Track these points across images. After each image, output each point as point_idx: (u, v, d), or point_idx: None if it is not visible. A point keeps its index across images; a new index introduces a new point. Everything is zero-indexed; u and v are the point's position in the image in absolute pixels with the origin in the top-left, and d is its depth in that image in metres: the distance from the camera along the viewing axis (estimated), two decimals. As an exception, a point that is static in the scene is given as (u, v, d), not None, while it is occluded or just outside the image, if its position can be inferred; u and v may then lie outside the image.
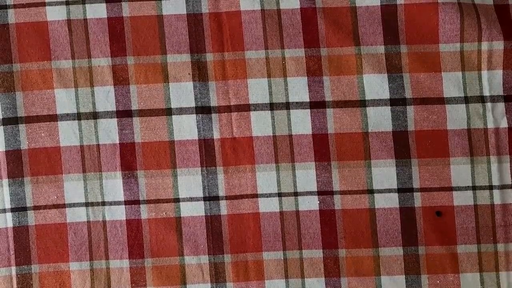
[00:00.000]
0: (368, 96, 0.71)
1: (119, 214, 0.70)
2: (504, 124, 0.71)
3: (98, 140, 0.71)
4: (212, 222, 0.70)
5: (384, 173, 0.71)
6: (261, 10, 0.71)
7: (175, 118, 0.71)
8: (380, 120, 0.71)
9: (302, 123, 0.71)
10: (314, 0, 0.71)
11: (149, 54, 0.71)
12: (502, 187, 0.70)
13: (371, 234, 0.70)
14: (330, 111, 0.71)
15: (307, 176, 0.71)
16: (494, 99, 0.71)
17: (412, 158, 0.71)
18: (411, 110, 0.71)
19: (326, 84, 0.71)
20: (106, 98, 0.71)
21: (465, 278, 0.70)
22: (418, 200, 0.70)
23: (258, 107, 0.71)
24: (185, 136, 0.71)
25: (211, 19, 0.71)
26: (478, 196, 0.70)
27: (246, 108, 0.71)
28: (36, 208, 0.70)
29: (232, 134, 0.71)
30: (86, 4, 0.71)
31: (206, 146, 0.71)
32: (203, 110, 0.71)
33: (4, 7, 0.71)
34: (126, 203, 0.70)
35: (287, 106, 0.71)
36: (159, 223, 0.70)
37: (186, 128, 0.71)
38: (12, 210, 0.70)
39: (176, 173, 0.71)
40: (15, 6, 0.71)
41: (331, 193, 0.70)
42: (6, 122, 0.70)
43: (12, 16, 0.71)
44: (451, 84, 0.71)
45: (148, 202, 0.70)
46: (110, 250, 0.70)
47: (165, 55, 0.71)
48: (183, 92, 0.71)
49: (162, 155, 0.71)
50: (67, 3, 0.71)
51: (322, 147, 0.71)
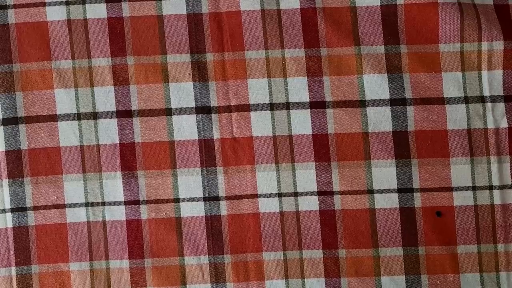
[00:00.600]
0: (368, 96, 0.71)
1: (119, 214, 0.70)
2: (504, 124, 0.71)
3: (98, 140, 0.71)
4: (212, 222, 0.70)
5: (384, 173, 0.71)
6: (261, 10, 0.71)
7: (175, 118, 0.71)
8: (380, 120, 0.71)
9: (302, 123, 0.71)
10: (314, 0, 0.71)
11: (149, 54, 0.71)
12: (502, 187, 0.70)
13: (371, 234, 0.70)
14: (330, 111, 0.71)
15: (307, 176, 0.71)
16: (494, 99, 0.71)
17: (412, 158, 0.71)
18: (411, 110, 0.71)
19: (326, 84, 0.71)
20: (106, 98, 0.71)
21: (465, 278, 0.70)
22: (418, 200, 0.70)
23: (258, 107, 0.71)
24: (185, 136, 0.71)
25: (211, 19, 0.71)
26: (478, 196, 0.70)
27: (246, 108, 0.71)
28: (36, 208, 0.70)
29: (232, 134, 0.71)
30: (86, 4, 0.71)
31: (206, 146, 0.71)
32: (203, 110, 0.71)
33: (4, 7, 0.71)
34: (126, 203, 0.70)
35: (287, 106, 0.71)
36: (159, 223, 0.70)
37: (186, 128, 0.71)
38: (12, 210, 0.70)
39: (176, 173, 0.71)
40: (15, 6, 0.71)
41: (331, 193, 0.70)
42: (6, 122, 0.70)
43: (12, 16, 0.71)
44: (451, 84, 0.71)
45: (148, 202, 0.70)
46: (110, 250, 0.70)
47: (165, 55, 0.71)
48: (183, 92, 0.71)
49: (162, 155, 0.71)
50: (67, 3, 0.71)
51: (322, 147, 0.71)
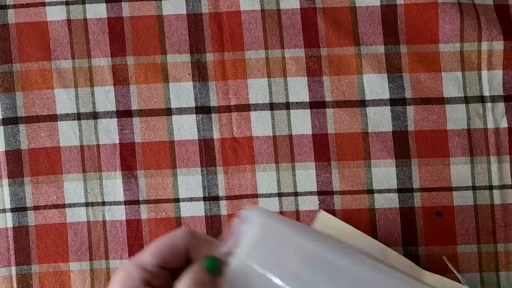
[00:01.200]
0: (368, 96, 0.71)
1: (119, 214, 0.70)
2: (504, 124, 0.71)
3: (98, 140, 0.71)
4: (212, 222, 0.70)
5: (384, 173, 0.71)
6: (261, 10, 0.71)
7: (175, 118, 0.71)
8: (380, 120, 0.71)
9: (302, 123, 0.71)
10: (314, 0, 0.71)
11: (149, 54, 0.71)
12: (502, 187, 0.70)
13: (371, 234, 0.70)
14: (330, 111, 0.71)
15: (307, 176, 0.71)
16: (494, 99, 0.71)
17: (412, 158, 0.71)
18: (411, 110, 0.71)
19: (326, 84, 0.71)
20: (106, 98, 0.71)
21: (465, 278, 0.70)
22: (418, 200, 0.70)
23: (258, 107, 0.71)
24: (185, 136, 0.71)
25: (211, 19, 0.71)
26: (478, 196, 0.70)
27: (246, 108, 0.71)
28: (36, 208, 0.70)
29: (232, 134, 0.71)
30: (86, 4, 0.71)
31: (206, 146, 0.71)
32: (203, 110, 0.71)
33: (4, 7, 0.71)
34: (126, 203, 0.70)
35: (287, 106, 0.71)
36: (159, 223, 0.70)
37: (186, 128, 0.71)
38: (12, 210, 0.70)
39: (176, 173, 0.71)
40: (15, 6, 0.71)
41: (331, 193, 0.70)
42: (6, 122, 0.70)
43: (12, 16, 0.71)
44: (451, 84, 0.71)
45: (148, 202, 0.70)
46: (110, 250, 0.70)
47: (165, 55, 0.71)
48: (183, 92, 0.71)
49: (162, 155, 0.71)
50: (67, 3, 0.71)
51: (322, 147, 0.71)
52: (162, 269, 0.46)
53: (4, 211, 0.70)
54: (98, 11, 0.71)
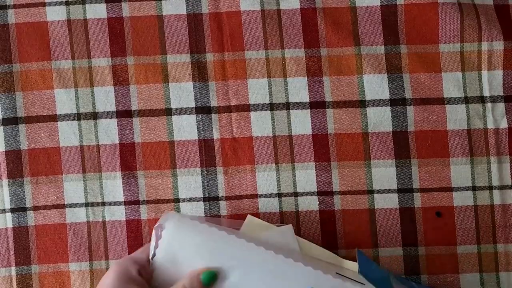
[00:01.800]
0: (368, 96, 0.71)
1: (119, 214, 0.70)
2: (504, 124, 0.71)
3: (98, 140, 0.71)
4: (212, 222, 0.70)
5: (384, 173, 0.71)
6: (261, 10, 0.71)
7: (175, 118, 0.71)
8: (380, 120, 0.71)
9: (302, 123, 0.71)
10: (314, 0, 0.71)
11: (149, 54, 0.71)
12: (502, 188, 0.70)
13: (371, 234, 0.70)
14: (330, 111, 0.71)
15: (307, 176, 0.71)
16: (494, 99, 0.71)
17: (412, 158, 0.71)
18: (411, 110, 0.71)
19: (326, 84, 0.71)
20: (106, 98, 0.71)
21: (465, 279, 0.70)
22: (418, 200, 0.70)
23: (258, 107, 0.71)
24: (185, 136, 0.71)
25: (211, 19, 0.71)
26: (478, 196, 0.70)
27: (246, 108, 0.71)
28: (36, 208, 0.70)
29: (232, 135, 0.71)
30: (86, 4, 0.71)
31: (206, 147, 0.71)
32: (203, 110, 0.71)
33: (4, 7, 0.71)
34: (126, 203, 0.70)
35: (287, 106, 0.71)
36: (159, 223, 0.70)
37: (186, 128, 0.71)
38: (12, 211, 0.70)
39: (176, 173, 0.70)
40: (15, 6, 0.71)
41: (331, 193, 0.70)
42: (6, 122, 0.70)
43: (12, 16, 0.71)
44: (451, 84, 0.71)
45: (148, 202, 0.70)
46: (110, 250, 0.70)
47: (165, 55, 0.71)
48: (183, 92, 0.71)
49: (162, 155, 0.71)
50: (67, 3, 0.71)
51: (322, 147, 0.71)
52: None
53: (4, 211, 0.70)
54: (98, 11, 0.71)
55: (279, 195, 0.70)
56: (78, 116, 0.71)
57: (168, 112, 0.71)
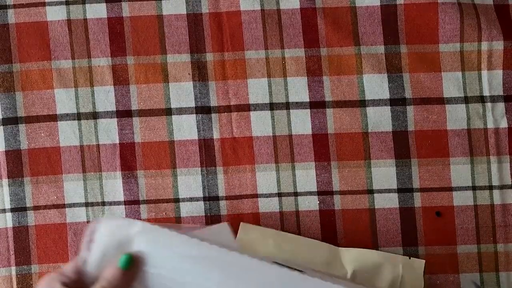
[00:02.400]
0: (368, 96, 0.71)
1: (119, 214, 0.70)
2: (504, 124, 0.71)
3: (98, 140, 0.71)
4: (212, 222, 0.70)
5: (384, 173, 0.71)
6: (261, 10, 0.71)
7: (175, 118, 0.71)
8: (380, 120, 0.71)
9: (302, 123, 0.71)
10: (314, 0, 0.71)
11: (149, 54, 0.71)
12: (502, 187, 0.70)
13: (371, 234, 0.70)
14: (330, 111, 0.71)
15: (307, 176, 0.71)
16: (494, 99, 0.71)
17: (412, 158, 0.71)
18: (411, 110, 0.71)
19: (326, 84, 0.71)
20: (106, 98, 0.71)
21: (465, 278, 0.70)
22: (418, 200, 0.70)
23: (258, 107, 0.71)
24: (185, 136, 0.71)
25: (211, 19, 0.71)
26: (478, 196, 0.70)
27: (246, 108, 0.71)
28: (36, 208, 0.70)
29: (232, 134, 0.71)
30: (86, 4, 0.71)
31: (206, 146, 0.71)
32: (203, 110, 0.71)
33: (4, 7, 0.71)
34: (126, 203, 0.70)
35: (287, 106, 0.71)
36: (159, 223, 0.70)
37: (186, 128, 0.71)
38: (12, 210, 0.70)
39: (176, 173, 0.70)
40: (15, 6, 0.71)
41: (331, 193, 0.70)
42: (6, 122, 0.70)
43: (12, 16, 0.71)
44: (451, 84, 0.71)
45: (148, 202, 0.70)
46: (110, 250, 0.70)
47: (165, 55, 0.71)
48: (183, 92, 0.71)
49: (162, 155, 0.71)
50: (67, 3, 0.71)
51: (322, 147, 0.71)
52: (82, 275, 0.57)
53: (4, 211, 0.70)
54: (98, 11, 0.71)
55: (279, 195, 0.70)
56: (78, 116, 0.71)
57: (168, 112, 0.71)
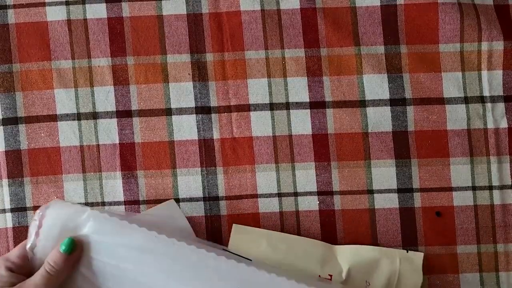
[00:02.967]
0: (368, 96, 0.71)
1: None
2: (504, 124, 0.71)
3: (98, 140, 0.71)
4: (212, 222, 0.70)
5: (384, 173, 0.71)
6: (261, 10, 0.71)
7: (175, 118, 0.71)
8: (380, 120, 0.71)
9: (302, 123, 0.71)
10: (314, 0, 0.71)
11: (149, 54, 0.71)
12: (502, 187, 0.71)
13: (371, 234, 0.70)
14: (330, 111, 0.71)
15: (307, 176, 0.71)
16: (494, 99, 0.71)
17: (412, 158, 0.71)
18: (411, 110, 0.71)
19: (326, 84, 0.71)
20: (106, 98, 0.71)
21: (464, 278, 0.70)
22: (418, 200, 0.70)
23: (258, 107, 0.71)
24: (185, 136, 0.71)
25: (211, 19, 0.71)
26: (478, 196, 0.70)
27: (246, 108, 0.71)
28: (36, 208, 0.70)
29: (232, 134, 0.71)
30: (86, 4, 0.71)
31: (206, 146, 0.71)
32: (203, 110, 0.71)
33: (4, 7, 0.71)
34: (126, 203, 0.70)
35: (287, 106, 0.71)
36: (159, 223, 0.70)
37: (186, 128, 0.71)
38: (12, 210, 0.70)
39: (176, 173, 0.71)
40: (15, 6, 0.71)
41: (331, 193, 0.70)
42: (6, 122, 0.70)
43: (12, 16, 0.71)
44: (451, 84, 0.71)
45: (148, 202, 0.70)
46: (110, 250, 0.70)
47: (165, 55, 0.71)
48: (183, 92, 0.71)
49: (162, 155, 0.71)
50: (67, 3, 0.71)
51: (322, 147, 0.71)
52: (27, 261, 0.59)
53: (4, 211, 0.70)
54: (98, 11, 0.71)
55: (279, 195, 0.71)
56: (78, 116, 0.71)
57: (168, 112, 0.71)
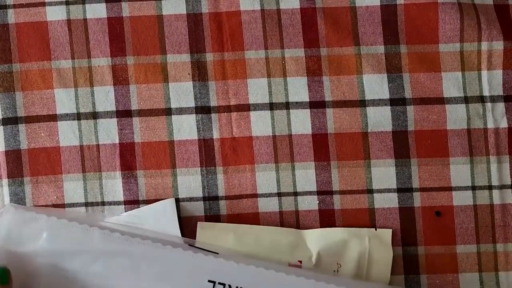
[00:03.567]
0: (368, 96, 0.71)
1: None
2: (504, 124, 0.71)
3: (98, 140, 0.71)
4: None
5: (384, 173, 0.71)
6: (261, 10, 0.71)
7: (174, 118, 0.71)
8: (380, 120, 0.71)
9: (302, 123, 0.71)
10: (314, 0, 0.71)
11: (149, 54, 0.71)
12: (502, 187, 0.71)
13: (370, 234, 0.70)
14: (330, 111, 0.71)
15: (306, 176, 0.71)
16: (494, 99, 0.71)
17: (412, 158, 0.71)
18: (411, 110, 0.71)
19: (326, 84, 0.71)
20: (106, 98, 0.71)
21: (464, 278, 0.70)
22: (418, 200, 0.70)
23: (258, 107, 0.71)
24: (184, 136, 0.71)
25: (211, 19, 0.71)
26: (478, 196, 0.70)
27: (245, 108, 0.71)
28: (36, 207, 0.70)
29: (231, 134, 0.71)
30: (86, 4, 0.71)
31: (205, 146, 0.71)
32: (203, 110, 0.71)
33: (4, 7, 0.71)
34: (126, 203, 0.70)
35: (287, 106, 0.71)
36: (159, 223, 0.70)
37: (185, 128, 0.71)
38: (12, 210, 0.70)
39: (175, 173, 0.71)
40: (15, 6, 0.71)
41: (331, 193, 0.70)
42: (6, 122, 0.71)
43: (12, 16, 0.71)
44: (451, 84, 0.71)
45: (147, 202, 0.70)
46: (110, 249, 0.70)
47: (165, 55, 0.71)
48: (182, 92, 0.71)
49: (161, 155, 0.71)
50: (67, 3, 0.71)
51: (321, 147, 0.71)
52: None
53: (4, 211, 0.70)
54: (98, 11, 0.71)
55: (279, 195, 0.71)
56: (78, 116, 0.71)
57: (168, 111, 0.71)
